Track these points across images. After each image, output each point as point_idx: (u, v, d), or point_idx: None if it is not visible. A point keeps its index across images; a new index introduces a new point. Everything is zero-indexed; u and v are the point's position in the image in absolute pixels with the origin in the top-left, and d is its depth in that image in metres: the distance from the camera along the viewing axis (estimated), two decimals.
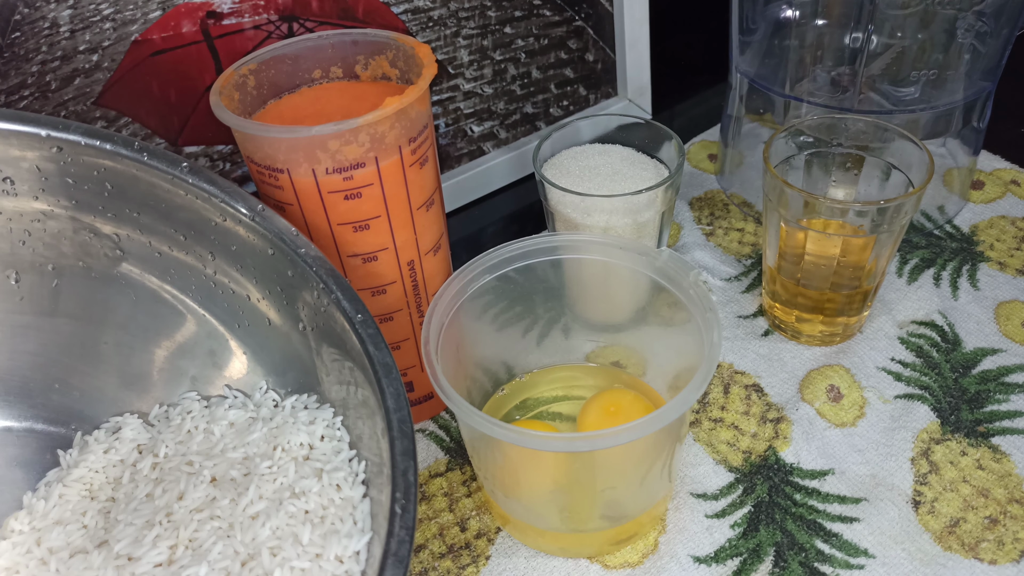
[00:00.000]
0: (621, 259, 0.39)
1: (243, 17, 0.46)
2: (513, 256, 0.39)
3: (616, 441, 0.31)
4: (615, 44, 0.61)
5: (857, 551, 0.38)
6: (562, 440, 0.32)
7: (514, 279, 0.40)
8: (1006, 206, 0.54)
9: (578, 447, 0.32)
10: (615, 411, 0.40)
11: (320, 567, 0.30)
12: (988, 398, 0.43)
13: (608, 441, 0.31)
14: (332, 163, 0.34)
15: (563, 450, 0.33)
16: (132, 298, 0.38)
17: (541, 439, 0.32)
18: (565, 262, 0.41)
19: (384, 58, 0.39)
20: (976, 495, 0.39)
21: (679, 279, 0.37)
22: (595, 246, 0.40)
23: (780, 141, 0.44)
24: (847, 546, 0.38)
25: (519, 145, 0.60)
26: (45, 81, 0.43)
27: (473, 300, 0.39)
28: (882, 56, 0.49)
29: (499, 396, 0.44)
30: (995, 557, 0.37)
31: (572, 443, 0.32)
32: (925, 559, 0.37)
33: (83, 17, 0.42)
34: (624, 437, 0.31)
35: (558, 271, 0.41)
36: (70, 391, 0.39)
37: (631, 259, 0.39)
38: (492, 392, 0.44)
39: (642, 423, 0.31)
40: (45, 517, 0.35)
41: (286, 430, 0.35)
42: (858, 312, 0.46)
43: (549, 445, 0.32)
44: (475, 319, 0.40)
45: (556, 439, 0.32)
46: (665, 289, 0.38)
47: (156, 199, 0.34)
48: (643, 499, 0.37)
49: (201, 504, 0.34)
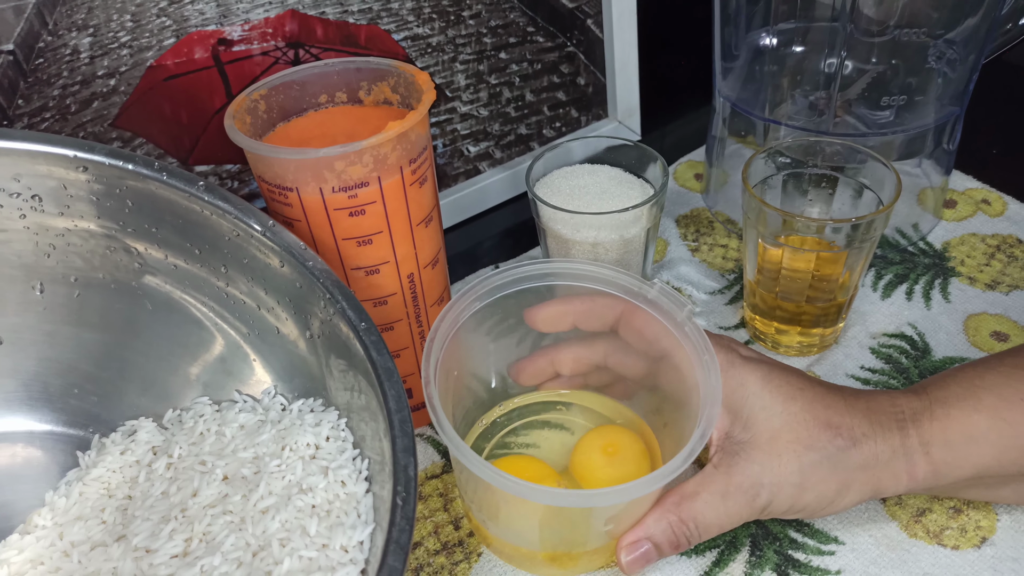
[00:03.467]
0: (611, 288, 0.40)
1: (252, 44, 0.49)
2: (505, 283, 0.40)
3: (621, 498, 0.33)
4: (605, 68, 0.64)
5: (828, 539, 0.40)
6: (573, 496, 0.34)
7: (508, 301, 0.41)
8: (976, 224, 0.57)
9: (595, 502, 0.34)
10: (613, 451, 0.41)
11: (327, 556, 0.32)
12: None
13: (614, 497, 0.33)
14: (338, 182, 0.36)
15: (574, 505, 0.34)
16: (148, 308, 0.40)
17: (552, 494, 0.33)
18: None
19: (386, 84, 0.41)
20: None
21: (673, 314, 0.39)
22: (587, 275, 0.41)
23: (759, 161, 0.47)
24: (819, 534, 0.40)
25: (513, 165, 0.63)
26: (65, 104, 0.45)
27: (468, 327, 0.40)
28: (857, 82, 0.52)
29: (480, 424, 0.45)
30: (958, 543, 0.39)
31: (589, 499, 0.34)
32: (891, 544, 0.39)
33: (102, 44, 0.45)
34: (630, 493, 0.33)
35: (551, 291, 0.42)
36: (88, 396, 0.42)
37: (621, 290, 0.40)
38: (487, 406, 0.45)
39: (648, 480, 0.32)
40: (66, 513, 0.37)
41: (293, 431, 0.37)
42: (833, 324, 0.48)
43: (559, 499, 0.34)
44: (470, 344, 0.41)
45: (567, 495, 0.34)
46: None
47: (173, 215, 0.37)
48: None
49: (214, 500, 0.36)
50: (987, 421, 0.36)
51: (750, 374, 0.38)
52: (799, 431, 0.37)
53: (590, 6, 0.61)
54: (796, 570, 0.39)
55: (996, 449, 0.36)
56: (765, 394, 0.37)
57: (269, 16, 0.48)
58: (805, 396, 0.38)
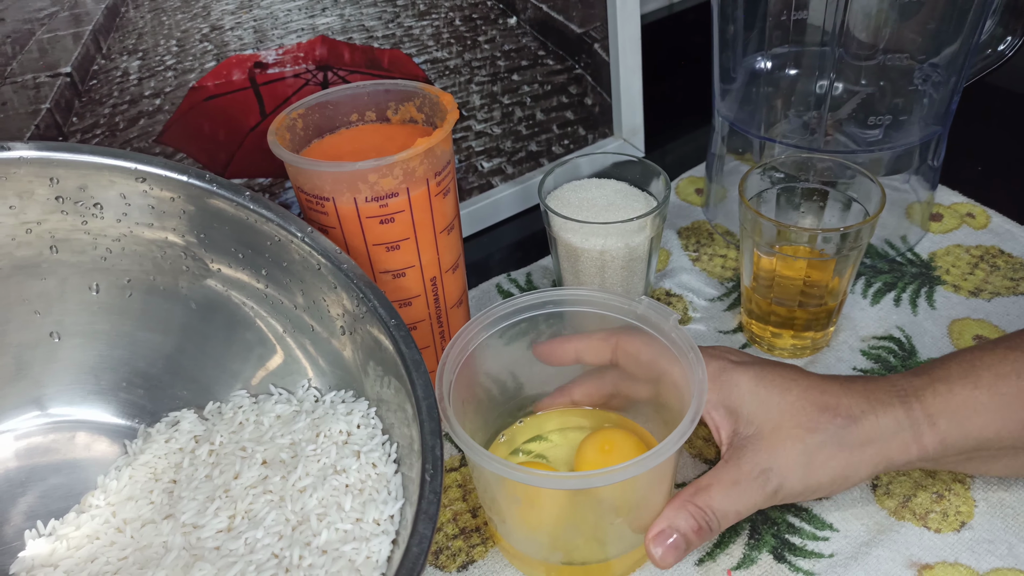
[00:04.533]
0: (605, 309, 0.43)
1: (285, 67, 0.53)
2: (509, 312, 0.43)
3: (618, 477, 0.34)
4: (611, 90, 0.68)
5: (824, 525, 0.43)
6: (573, 479, 0.36)
7: (512, 329, 0.43)
8: (961, 236, 0.61)
9: (592, 484, 0.36)
10: (610, 449, 0.43)
11: (361, 528, 0.36)
12: None
13: (611, 477, 0.35)
14: (371, 192, 0.40)
15: (575, 488, 0.37)
16: (193, 308, 0.44)
17: (558, 479, 0.36)
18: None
19: (412, 104, 0.45)
20: (925, 476, 0.45)
21: (660, 324, 0.41)
22: (583, 299, 0.43)
23: (755, 177, 0.51)
24: (816, 520, 0.43)
25: (524, 179, 0.66)
26: (115, 122, 0.49)
27: (480, 352, 0.42)
28: (847, 103, 0.56)
29: (499, 442, 0.47)
30: (940, 526, 0.43)
31: (587, 480, 0.36)
32: (881, 529, 0.43)
33: (150, 67, 0.49)
34: (627, 473, 0.34)
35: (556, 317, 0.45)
36: (135, 389, 0.45)
37: (614, 309, 0.43)
38: (500, 425, 0.47)
39: (643, 459, 0.34)
40: (118, 494, 0.41)
41: (327, 420, 0.41)
42: (824, 328, 0.52)
43: (561, 483, 0.36)
44: (483, 363, 0.43)
45: (570, 478, 0.36)
46: None
47: (221, 222, 0.41)
48: (635, 537, 0.40)
49: (255, 482, 0.39)
50: (986, 395, 0.38)
51: (742, 375, 0.41)
52: (799, 417, 0.39)
53: (597, 31, 0.65)
54: (792, 553, 0.42)
55: (996, 422, 0.38)
56: (760, 390, 0.40)
57: (301, 41, 0.52)
58: (799, 385, 0.40)
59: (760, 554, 0.42)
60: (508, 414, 0.47)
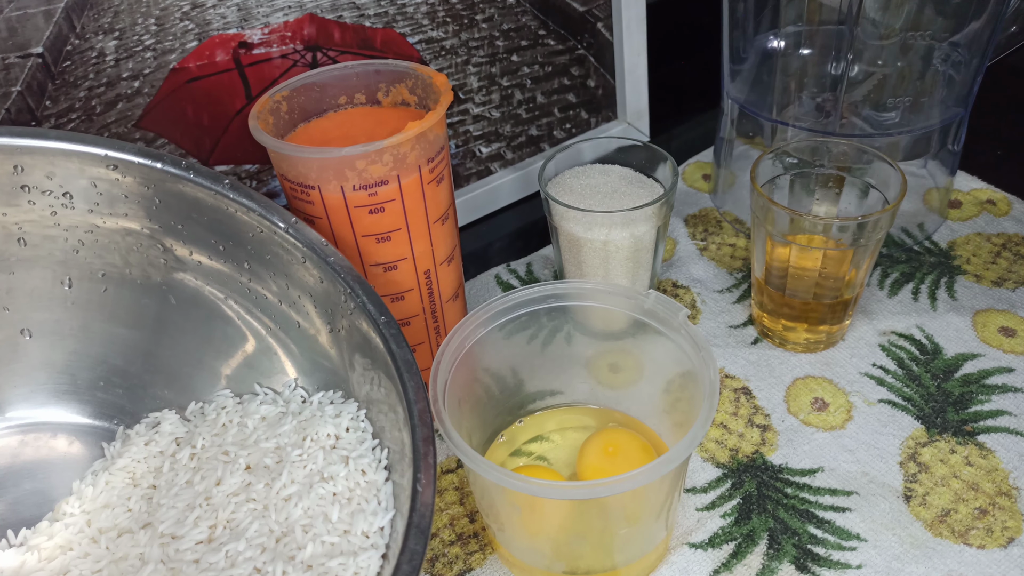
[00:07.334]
0: (611, 303, 0.41)
1: (271, 47, 0.50)
2: (508, 307, 0.40)
3: (627, 486, 0.32)
4: (615, 71, 0.65)
5: (849, 535, 0.41)
6: (578, 488, 0.33)
7: (513, 323, 0.41)
8: (981, 223, 0.58)
9: (597, 493, 0.33)
10: (614, 451, 0.41)
11: (348, 541, 0.33)
12: (971, 399, 0.46)
13: (619, 487, 0.32)
14: (359, 180, 0.37)
15: (580, 498, 0.34)
16: (173, 303, 0.41)
17: (561, 489, 0.33)
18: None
19: (404, 86, 0.43)
20: (967, 489, 0.42)
21: (669, 320, 0.39)
22: (587, 293, 0.41)
23: (767, 162, 0.48)
24: (840, 531, 0.41)
25: (524, 165, 0.64)
26: (91, 105, 0.46)
27: (478, 347, 0.40)
28: (863, 84, 0.53)
29: (498, 443, 0.45)
30: (984, 543, 0.40)
31: (593, 490, 0.33)
32: (916, 543, 0.40)
33: (127, 47, 0.46)
34: (636, 481, 0.32)
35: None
36: (114, 389, 0.43)
37: (620, 303, 0.40)
38: (497, 427, 0.45)
39: (653, 466, 0.32)
40: (94, 501, 0.39)
41: (314, 423, 0.38)
42: (839, 321, 0.49)
43: (565, 493, 0.33)
44: (482, 359, 0.41)
45: (573, 487, 0.33)
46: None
47: (199, 212, 0.38)
48: (642, 544, 0.39)
49: (237, 489, 0.37)
50: None
51: None
52: None
53: (600, 10, 0.62)
54: (816, 563, 0.40)
55: None
56: None
57: (288, 20, 0.50)
58: None
59: (780, 564, 0.40)
60: (508, 412, 0.45)
